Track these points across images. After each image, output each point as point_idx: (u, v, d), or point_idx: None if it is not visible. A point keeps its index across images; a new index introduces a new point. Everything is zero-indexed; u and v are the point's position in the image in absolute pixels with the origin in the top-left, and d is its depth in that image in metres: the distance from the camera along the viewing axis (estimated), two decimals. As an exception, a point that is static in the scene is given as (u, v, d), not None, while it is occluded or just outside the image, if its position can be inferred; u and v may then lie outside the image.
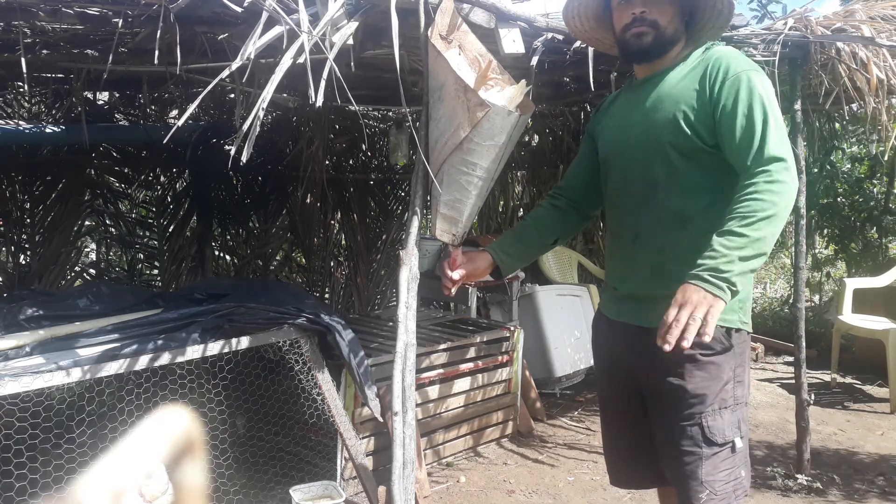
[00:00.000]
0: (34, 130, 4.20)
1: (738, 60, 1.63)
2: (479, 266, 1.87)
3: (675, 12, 1.71)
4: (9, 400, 2.02)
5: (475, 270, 1.86)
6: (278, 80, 1.64)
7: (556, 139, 5.41)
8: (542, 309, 4.29)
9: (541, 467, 3.37)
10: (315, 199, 5.34)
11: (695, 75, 1.66)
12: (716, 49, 1.70)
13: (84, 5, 2.09)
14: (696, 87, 1.64)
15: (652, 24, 1.70)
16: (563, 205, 1.95)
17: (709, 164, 1.64)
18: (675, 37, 1.72)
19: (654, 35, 1.71)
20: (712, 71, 1.63)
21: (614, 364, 1.85)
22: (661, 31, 1.71)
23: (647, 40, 1.71)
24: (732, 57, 1.65)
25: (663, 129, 1.66)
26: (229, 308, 2.48)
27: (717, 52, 1.68)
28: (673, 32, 1.72)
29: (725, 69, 1.61)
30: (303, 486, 2.59)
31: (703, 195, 1.65)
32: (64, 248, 4.71)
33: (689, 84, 1.66)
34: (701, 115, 1.62)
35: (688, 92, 1.65)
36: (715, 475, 1.64)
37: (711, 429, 1.64)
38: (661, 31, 1.70)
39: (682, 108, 1.64)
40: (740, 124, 1.57)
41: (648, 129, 1.69)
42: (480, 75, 1.78)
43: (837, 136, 5.36)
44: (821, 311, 6.04)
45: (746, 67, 1.61)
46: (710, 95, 1.61)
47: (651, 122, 1.69)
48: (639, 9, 1.71)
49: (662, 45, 1.72)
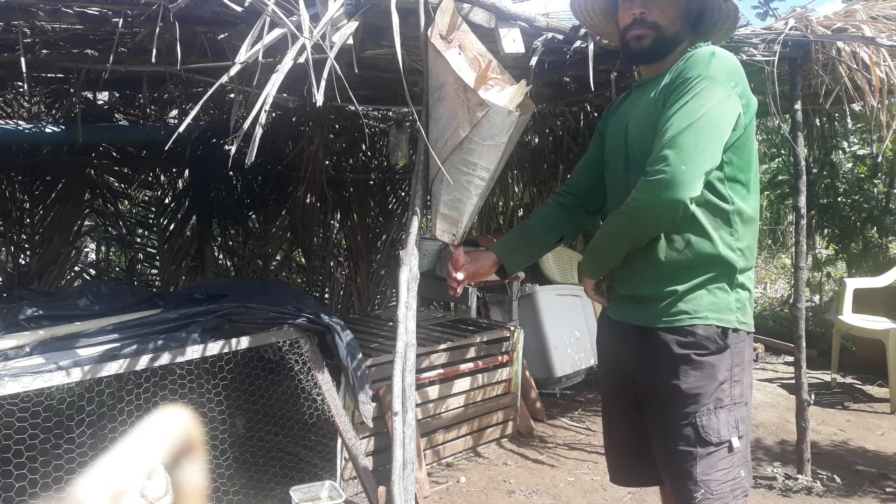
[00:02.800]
0: (34, 130, 4.20)
1: (699, 65, 1.56)
2: (484, 265, 1.86)
3: (678, 13, 1.68)
4: (9, 400, 2.02)
5: (480, 270, 1.86)
6: (279, 82, 1.63)
7: (556, 139, 5.41)
8: (542, 309, 4.29)
9: (541, 467, 3.37)
10: (315, 199, 5.34)
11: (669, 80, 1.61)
12: (694, 51, 1.63)
13: (84, 5, 2.08)
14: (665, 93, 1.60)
15: (652, 26, 1.68)
16: (568, 202, 1.95)
17: None
18: (676, 38, 1.69)
19: (653, 37, 1.68)
20: (675, 72, 1.59)
21: (615, 363, 1.85)
22: (661, 33, 1.68)
23: (646, 43, 1.69)
24: (697, 61, 1.58)
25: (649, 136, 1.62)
26: (229, 308, 2.48)
27: (691, 53, 1.61)
28: (674, 34, 1.69)
29: (681, 72, 1.57)
30: (303, 486, 2.59)
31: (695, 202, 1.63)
32: (64, 248, 4.70)
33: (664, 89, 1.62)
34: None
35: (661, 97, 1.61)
36: (711, 475, 1.64)
37: (706, 428, 1.63)
38: (661, 32, 1.68)
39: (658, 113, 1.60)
40: (661, 124, 1.53)
41: (640, 135, 1.67)
42: (480, 75, 1.78)
43: (838, 136, 5.36)
44: (821, 311, 6.04)
45: (703, 73, 1.54)
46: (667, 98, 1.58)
47: (641, 127, 1.67)
48: (638, 9, 1.68)
49: (662, 48, 1.70)
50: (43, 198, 4.68)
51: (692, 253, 1.62)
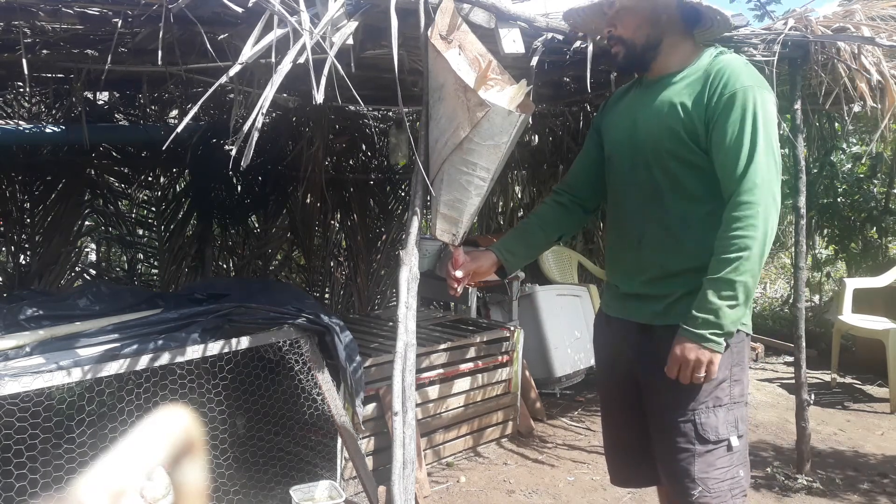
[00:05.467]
0: (34, 130, 4.20)
1: (742, 74, 1.60)
2: (484, 265, 1.87)
3: (640, 21, 1.69)
4: (9, 400, 2.02)
5: (479, 269, 1.87)
6: (279, 82, 1.63)
7: (556, 139, 5.41)
8: (542, 309, 4.29)
9: (541, 467, 3.37)
10: (315, 199, 5.34)
11: (698, 84, 1.64)
12: (723, 58, 1.66)
13: (84, 5, 2.08)
14: (696, 98, 1.62)
15: (619, 41, 1.73)
16: (566, 201, 1.96)
17: (708, 173, 1.63)
18: (650, 43, 1.70)
19: (624, 52, 1.73)
20: (714, 82, 1.61)
21: (615, 361, 1.85)
22: (628, 46, 1.71)
23: (619, 58, 1.75)
24: (737, 69, 1.61)
25: (664, 137, 1.65)
26: (229, 308, 2.48)
27: (722, 62, 1.64)
28: (646, 41, 1.70)
29: (726, 82, 1.59)
30: (303, 486, 2.59)
31: (703, 202, 1.65)
32: (64, 248, 4.70)
33: (692, 92, 1.64)
34: (699, 126, 1.61)
35: (689, 101, 1.63)
36: (709, 473, 1.64)
37: (704, 426, 1.64)
38: (628, 45, 1.71)
39: (682, 117, 1.63)
40: (727, 145, 1.57)
41: (650, 134, 1.68)
42: (480, 75, 1.78)
43: (837, 136, 5.36)
44: (821, 311, 6.04)
45: (748, 83, 1.59)
46: (707, 108, 1.60)
47: (653, 127, 1.68)
48: (607, 28, 1.75)
49: (637, 58, 1.73)
50: (43, 198, 4.68)
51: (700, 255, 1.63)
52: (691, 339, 1.55)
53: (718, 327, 1.54)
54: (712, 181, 1.63)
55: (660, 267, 1.70)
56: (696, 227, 1.65)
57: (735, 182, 1.55)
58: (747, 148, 1.55)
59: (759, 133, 1.55)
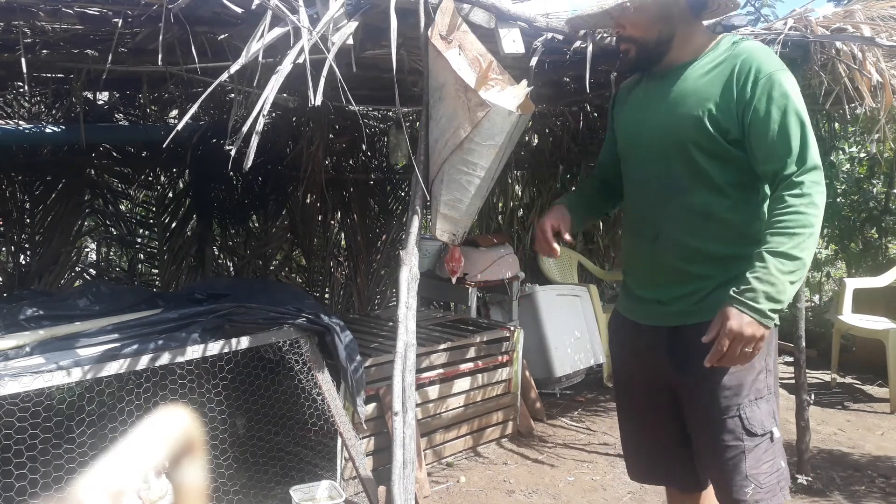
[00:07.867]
0: (34, 130, 4.20)
1: (769, 59, 1.59)
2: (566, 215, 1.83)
3: (651, 19, 1.67)
4: (9, 400, 2.02)
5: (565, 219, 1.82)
6: (280, 82, 1.63)
7: (556, 139, 5.41)
8: (542, 309, 4.29)
9: (541, 467, 3.37)
10: (315, 199, 5.34)
11: (721, 72, 1.61)
12: (744, 45, 1.64)
13: (84, 5, 2.08)
14: (722, 86, 1.60)
15: (630, 40, 1.70)
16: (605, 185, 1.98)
17: (732, 163, 1.62)
18: (663, 38, 1.68)
19: (636, 50, 1.71)
20: (742, 70, 1.58)
21: (645, 364, 1.80)
22: (641, 44, 1.69)
23: (631, 56, 1.72)
24: (762, 55, 1.60)
25: (686, 127, 1.62)
26: (229, 308, 2.48)
27: (745, 49, 1.62)
28: (658, 37, 1.68)
29: (757, 69, 1.57)
30: (303, 486, 2.59)
31: (726, 193, 1.63)
32: (64, 248, 4.70)
33: (715, 81, 1.61)
34: (727, 114, 1.59)
35: (713, 90, 1.61)
36: (759, 468, 1.62)
37: (750, 419, 1.62)
38: (640, 44, 1.69)
39: (706, 106, 1.60)
40: (774, 129, 1.54)
41: (670, 126, 1.66)
42: (481, 75, 1.78)
43: (837, 136, 5.36)
44: (821, 311, 6.04)
45: (777, 67, 1.58)
46: (740, 96, 1.58)
47: (673, 118, 1.65)
48: (617, 29, 1.74)
49: (650, 55, 1.71)
50: (43, 198, 4.67)
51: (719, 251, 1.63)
52: (750, 311, 1.47)
53: (778, 302, 1.47)
54: (735, 171, 1.62)
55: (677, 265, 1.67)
56: (718, 221, 1.63)
57: (790, 163, 1.53)
58: (797, 129, 1.53)
59: (803, 116, 1.55)
